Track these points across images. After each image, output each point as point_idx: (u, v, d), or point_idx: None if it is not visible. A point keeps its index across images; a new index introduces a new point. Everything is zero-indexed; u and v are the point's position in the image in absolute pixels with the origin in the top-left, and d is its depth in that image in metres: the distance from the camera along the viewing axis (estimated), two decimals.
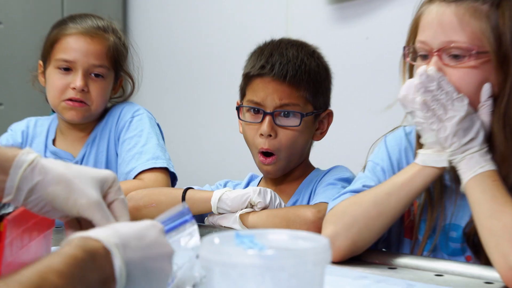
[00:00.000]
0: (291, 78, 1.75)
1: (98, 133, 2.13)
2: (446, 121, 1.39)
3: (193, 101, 3.62)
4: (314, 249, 0.89)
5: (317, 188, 1.77)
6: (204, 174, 3.49)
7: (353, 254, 1.46)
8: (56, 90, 2.06)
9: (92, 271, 0.83)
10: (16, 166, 1.03)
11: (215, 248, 0.89)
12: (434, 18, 1.42)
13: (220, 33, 3.48)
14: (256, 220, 1.64)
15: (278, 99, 1.75)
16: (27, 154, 1.05)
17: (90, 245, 0.85)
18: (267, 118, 1.76)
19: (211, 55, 3.52)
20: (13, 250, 1.06)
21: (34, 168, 1.04)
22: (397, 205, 1.44)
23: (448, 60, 1.41)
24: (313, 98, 1.78)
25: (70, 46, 2.05)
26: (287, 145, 1.77)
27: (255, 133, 1.78)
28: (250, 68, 1.80)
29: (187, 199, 1.73)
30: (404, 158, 1.58)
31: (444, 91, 1.39)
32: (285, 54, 1.77)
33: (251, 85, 1.79)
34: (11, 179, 1.03)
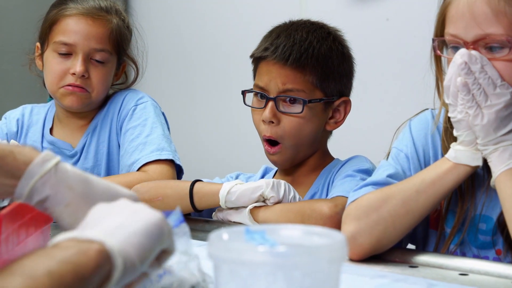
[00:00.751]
0: (294, 61, 1.74)
1: (99, 122, 2.13)
2: (485, 109, 1.37)
3: (201, 88, 3.62)
4: (330, 246, 0.90)
5: (334, 180, 1.77)
6: (212, 166, 3.50)
7: (376, 252, 1.46)
8: (54, 75, 2.06)
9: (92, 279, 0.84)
10: (27, 177, 1.05)
11: (223, 245, 0.89)
12: (465, 8, 1.39)
13: (230, 14, 3.48)
14: (268, 215, 1.65)
15: (281, 84, 1.75)
16: (41, 163, 1.06)
17: (91, 250, 0.86)
18: (269, 104, 1.76)
19: (221, 38, 3.52)
20: (9, 247, 1.07)
21: (45, 182, 1.05)
22: (426, 203, 1.44)
23: (485, 52, 1.38)
24: (321, 84, 1.77)
25: (70, 28, 2.04)
26: (291, 133, 1.77)
27: (260, 120, 1.79)
28: (255, 51, 1.82)
29: (195, 192, 1.73)
30: (431, 144, 1.57)
31: (488, 75, 1.37)
32: (292, 36, 1.77)
33: (258, 69, 1.81)
34: (21, 187, 1.05)
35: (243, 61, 3.44)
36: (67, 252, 0.84)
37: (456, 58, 1.39)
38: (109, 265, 0.87)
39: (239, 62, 3.44)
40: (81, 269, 0.83)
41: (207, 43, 3.58)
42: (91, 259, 0.84)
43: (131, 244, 0.90)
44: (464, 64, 1.37)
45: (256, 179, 1.91)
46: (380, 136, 1.89)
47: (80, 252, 0.84)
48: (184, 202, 1.73)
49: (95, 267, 0.84)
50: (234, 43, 3.47)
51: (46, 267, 0.80)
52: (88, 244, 0.86)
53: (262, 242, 0.88)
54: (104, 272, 0.86)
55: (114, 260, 0.87)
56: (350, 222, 1.46)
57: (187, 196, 1.73)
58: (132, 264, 0.89)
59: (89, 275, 0.83)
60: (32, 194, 1.06)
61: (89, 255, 0.85)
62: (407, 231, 1.47)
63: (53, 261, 0.81)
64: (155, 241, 0.93)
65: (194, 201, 1.73)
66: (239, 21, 3.45)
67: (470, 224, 1.51)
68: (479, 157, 1.41)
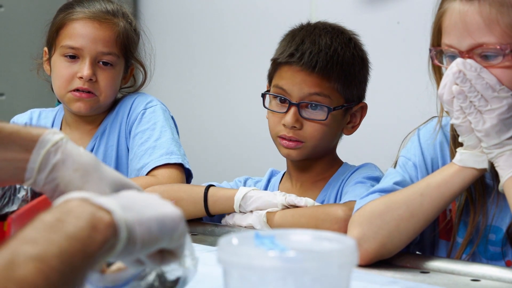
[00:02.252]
0: (321, 69, 1.75)
1: (108, 126, 2.14)
2: (486, 113, 1.38)
3: (210, 92, 3.62)
4: (340, 251, 0.90)
5: (344, 187, 1.77)
6: (220, 170, 3.51)
7: (382, 257, 1.46)
8: (62, 79, 2.07)
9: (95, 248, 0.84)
10: (40, 146, 1.06)
11: (233, 250, 0.90)
12: (458, 18, 1.40)
13: (240, 17, 3.49)
14: (281, 219, 1.65)
15: (306, 90, 1.75)
16: (53, 134, 1.08)
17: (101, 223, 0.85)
18: (292, 109, 1.76)
19: (230, 40, 3.52)
20: None
21: (57, 149, 1.07)
22: (431, 207, 1.44)
23: (481, 60, 1.40)
24: (344, 91, 1.79)
25: (77, 32, 2.05)
26: (312, 137, 1.77)
27: (278, 122, 1.79)
28: (279, 54, 1.80)
29: (210, 196, 1.75)
30: (439, 153, 1.58)
31: (485, 80, 1.38)
32: (317, 42, 1.77)
33: (279, 72, 1.80)
34: (33, 160, 1.06)
35: (252, 63, 3.47)
36: (78, 223, 0.83)
37: (452, 66, 1.41)
38: (115, 239, 0.86)
39: (247, 64, 3.45)
40: (91, 247, 0.82)
41: (216, 45, 3.58)
42: (100, 234, 0.84)
43: (140, 224, 0.89)
44: (458, 72, 1.39)
45: (263, 183, 1.93)
46: (389, 140, 1.89)
47: (91, 225, 0.83)
48: (198, 206, 1.75)
49: (103, 241, 0.84)
50: (242, 45, 3.48)
51: (58, 247, 0.79)
52: (99, 214, 0.85)
53: (272, 247, 0.89)
54: (108, 246, 0.85)
55: (120, 232, 0.86)
56: (354, 228, 1.47)
57: (201, 200, 1.75)
58: (133, 242, 0.89)
59: (97, 251, 0.83)
60: (43, 164, 1.06)
61: (99, 229, 0.84)
62: (413, 235, 1.47)
63: (64, 238, 0.80)
64: (164, 232, 0.93)
65: (208, 205, 1.75)
66: (248, 23, 3.46)
67: (481, 235, 1.51)
68: (484, 160, 1.41)
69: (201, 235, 1.73)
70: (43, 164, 1.06)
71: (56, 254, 0.78)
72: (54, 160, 1.06)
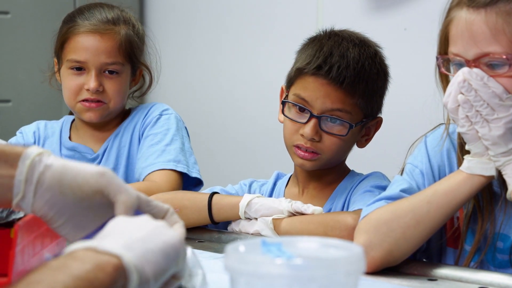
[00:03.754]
0: (348, 84, 1.73)
1: (122, 128, 2.21)
2: (493, 122, 1.38)
3: (215, 93, 3.62)
4: (347, 258, 0.90)
5: (352, 196, 1.77)
6: (225, 171, 3.51)
7: (389, 265, 1.46)
8: (70, 91, 2.13)
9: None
10: (24, 158, 1.06)
11: (240, 257, 0.90)
12: (464, 28, 1.41)
13: (246, 21, 3.49)
14: (289, 226, 1.65)
15: (328, 105, 1.74)
16: (36, 148, 1.08)
17: (108, 266, 0.86)
18: (312, 121, 1.75)
19: (237, 44, 3.53)
20: (25, 258, 1.08)
21: (41, 159, 1.06)
22: (438, 215, 1.44)
23: (487, 69, 1.40)
24: (366, 106, 1.78)
25: (80, 46, 2.11)
26: (330, 150, 1.77)
27: (296, 131, 1.78)
28: (305, 64, 1.77)
29: (214, 204, 1.75)
30: (446, 160, 1.58)
31: (491, 89, 1.39)
32: (345, 55, 1.75)
33: (303, 80, 1.78)
34: (19, 172, 1.05)
35: (258, 67, 3.47)
36: (83, 266, 0.84)
37: (458, 75, 1.41)
38: (124, 280, 0.87)
39: (253, 68, 3.46)
40: (97, 286, 0.83)
41: (223, 48, 3.58)
42: (107, 275, 0.85)
43: (148, 261, 0.90)
44: (463, 81, 1.39)
45: (269, 187, 1.93)
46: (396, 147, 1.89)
47: (97, 267, 0.85)
48: (202, 214, 1.75)
49: (111, 283, 0.85)
50: (249, 49, 3.48)
51: (63, 285, 0.80)
52: (106, 258, 0.86)
53: (279, 254, 0.89)
54: (118, 286, 0.86)
55: (130, 275, 0.87)
56: (360, 236, 1.47)
57: (205, 208, 1.75)
58: (146, 281, 0.90)
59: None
60: (30, 174, 1.05)
61: (106, 271, 0.85)
62: (420, 243, 1.47)
63: (70, 277, 0.81)
64: (171, 262, 0.94)
65: (212, 213, 1.75)
66: (255, 28, 3.46)
67: (489, 242, 1.51)
68: (492, 167, 1.41)
69: (207, 242, 1.74)
70: (29, 174, 1.05)
71: None
72: (40, 168, 1.05)
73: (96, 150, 2.20)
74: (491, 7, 1.39)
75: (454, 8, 1.45)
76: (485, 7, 1.40)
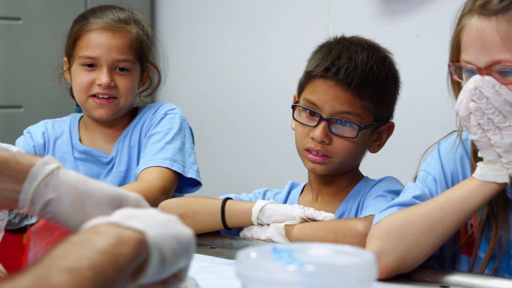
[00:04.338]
0: (356, 86, 1.74)
1: (131, 128, 2.24)
2: (505, 129, 1.38)
3: (227, 97, 3.63)
4: (359, 265, 0.90)
5: (365, 201, 1.77)
6: (237, 180, 3.51)
7: (401, 271, 1.46)
8: (82, 86, 2.17)
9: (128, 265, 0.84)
10: (31, 179, 1.05)
11: (252, 264, 0.90)
12: (475, 35, 1.41)
13: (256, 27, 3.50)
14: (300, 232, 1.65)
15: (337, 107, 1.75)
16: (44, 165, 1.06)
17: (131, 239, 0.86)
18: (322, 124, 1.76)
19: (247, 50, 3.53)
20: None
21: (48, 183, 1.05)
22: (451, 222, 1.44)
23: (499, 77, 1.40)
24: (375, 109, 1.78)
25: (93, 43, 2.16)
26: (340, 153, 1.77)
27: (306, 135, 1.78)
28: (313, 66, 1.79)
29: (227, 209, 1.75)
30: (460, 167, 1.58)
31: (503, 97, 1.39)
32: (353, 58, 1.77)
33: (312, 84, 1.79)
34: (24, 192, 1.05)
35: (269, 74, 3.48)
36: (107, 239, 0.84)
37: (469, 83, 1.41)
38: (145, 255, 0.87)
39: (262, 74, 3.46)
40: (121, 260, 0.83)
41: (233, 54, 3.59)
42: (131, 249, 0.85)
43: (166, 243, 0.90)
44: (475, 89, 1.39)
45: (283, 196, 1.93)
46: (409, 154, 1.89)
47: (121, 240, 0.85)
48: (215, 219, 1.75)
49: (134, 257, 0.85)
50: (259, 55, 3.48)
51: (89, 260, 0.80)
52: (129, 232, 0.86)
53: (290, 261, 0.89)
54: (139, 262, 0.86)
55: (152, 252, 0.87)
56: (372, 242, 1.47)
57: (218, 214, 1.75)
58: (164, 261, 0.89)
59: (128, 265, 0.84)
60: (35, 198, 1.05)
61: (130, 245, 0.85)
62: (433, 249, 1.47)
63: (95, 252, 0.81)
64: (183, 253, 0.94)
65: (225, 218, 1.75)
66: (265, 34, 3.46)
67: (503, 250, 1.51)
68: (505, 174, 1.41)
69: (219, 248, 1.74)
70: (35, 197, 1.05)
71: (88, 267, 0.79)
72: (46, 198, 1.05)
73: (107, 150, 2.23)
74: (502, 15, 1.39)
75: (465, 15, 1.45)
76: (496, 15, 1.40)
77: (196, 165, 2.19)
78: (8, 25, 3.34)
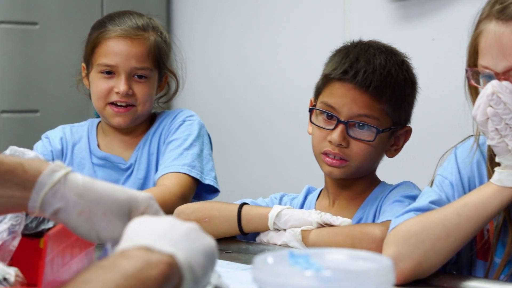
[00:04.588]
0: (374, 88, 1.74)
1: (150, 135, 2.25)
2: None
3: (243, 104, 3.63)
4: (376, 270, 0.90)
5: (382, 206, 1.77)
6: (255, 185, 3.51)
7: (418, 277, 1.45)
8: (100, 94, 2.17)
9: None
10: (38, 189, 1.05)
11: (269, 269, 0.90)
12: (493, 40, 1.41)
13: (272, 32, 3.50)
14: (317, 238, 1.65)
15: (355, 110, 1.74)
16: (51, 174, 1.06)
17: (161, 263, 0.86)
18: (339, 127, 1.75)
19: (263, 54, 3.53)
20: (54, 269, 1.09)
21: (55, 193, 1.05)
22: (468, 227, 1.43)
23: None
24: (393, 113, 1.78)
25: (111, 50, 2.16)
26: (358, 156, 1.76)
27: (324, 138, 1.78)
28: (331, 69, 1.78)
29: (243, 214, 1.75)
30: (476, 171, 1.57)
31: None
32: (371, 61, 1.76)
33: (329, 87, 1.78)
34: (33, 200, 1.05)
35: (285, 79, 3.47)
36: (135, 264, 0.83)
37: (487, 88, 1.41)
38: (178, 278, 0.87)
39: (280, 79, 3.46)
40: (150, 284, 0.82)
41: (247, 60, 3.59)
42: (160, 273, 0.84)
43: (195, 260, 0.90)
44: (492, 94, 1.39)
45: (299, 200, 1.92)
46: (426, 159, 1.88)
47: (149, 264, 0.84)
48: (231, 225, 1.75)
49: (164, 280, 0.84)
50: (275, 61, 3.48)
51: (115, 284, 0.80)
52: (158, 256, 0.86)
53: (307, 266, 0.89)
54: (172, 285, 0.86)
55: (184, 273, 0.87)
56: (389, 247, 1.46)
57: (235, 219, 1.75)
58: (196, 280, 0.89)
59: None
60: (44, 206, 1.05)
61: (159, 268, 0.85)
62: (450, 255, 1.46)
63: (121, 276, 0.81)
64: (211, 266, 0.94)
65: (242, 223, 1.75)
66: (281, 40, 3.46)
67: None
68: None
69: (235, 253, 1.74)
70: (44, 205, 1.05)
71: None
72: (54, 207, 1.05)
73: (125, 156, 2.24)
74: None
75: (483, 20, 1.45)
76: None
77: (214, 172, 2.19)
78: (24, 30, 3.36)
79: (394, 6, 3.02)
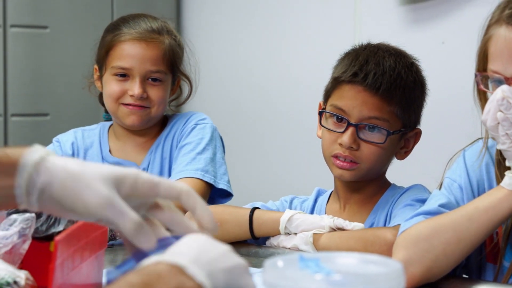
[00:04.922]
0: (384, 91, 1.74)
1: (163, 139, 2.24)
2: None
3: (254, 107, 3.64)
4: (387, 274, 0.90)
5: (393, 210, 1.76)
6: (265, 188, 3.51)
7: (428, 281, 1.45)
8: (113, 96, 2.17)
9: None
10: (22, 170, 1.03)
11: (279, 273, 0.90)
12: (503, 45, 1.41)
13: (283, 35, 3.50)
14: (329, 241, 1.65)
15: (365, 113, 1.74)
16: (31, 153, 1.04)
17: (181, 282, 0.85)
18: (350, 130, 1.75)
19: (273, 58, 3.54)
20: (64, 272, 1.09)
21: (39, 170, 1.02)
22: (479, 232, 1.43)
23: None
24: (403, 115, 1.78)
25: (126, 53, 2.15)
26: (368, 159, 1.76)
27: (334, 141, 1.78)
28: (341, 72, 1.78)
29: (255, 219, 1.75)
30: (485, 174, 1.57)
31: None
32: (381, 63, 1.76)
33: (339, 90, 1.78)
34: (18, 186, 1.03)
35: (295, 85, 3.48)
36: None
37: (497, 92, 1.41)
38: None
39: (291, 82, 3.46)
40: None
41: (258, 62, 3.60)
42: None
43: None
44: (502, 99, 1.39)
45: (310, 203, 1.92)
46: (434, 162, 1.88)
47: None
48: (243, 229, 1.75)
49: None
50: (285, 65, 3.49)
51: None
52: (191, 284, 0.85)
53: (317, 270, 0.89)
54: None
55: None
56: (399, 252, 1.46)
57: (246, 223, 1.75)
58: None
59: None
60: (30, 187, 1.02)
61: None
62: (460, 259, 1.46)
63: None
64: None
65: (253, 228, 1.75)
66: (292, 44, 3.47)
67: None
68: None
69: (245, 257, 1.71)
70: (29, 187, 1.02)
71: None
72: (40, 185, 1.02)
73: (138, 160, 2.23)
74: None
75: (493, 25, 1.45)
76: None
77: (227, 175, 2.18)
78: (35, 34, 3.38)
79: (404, 9, 3.02)
